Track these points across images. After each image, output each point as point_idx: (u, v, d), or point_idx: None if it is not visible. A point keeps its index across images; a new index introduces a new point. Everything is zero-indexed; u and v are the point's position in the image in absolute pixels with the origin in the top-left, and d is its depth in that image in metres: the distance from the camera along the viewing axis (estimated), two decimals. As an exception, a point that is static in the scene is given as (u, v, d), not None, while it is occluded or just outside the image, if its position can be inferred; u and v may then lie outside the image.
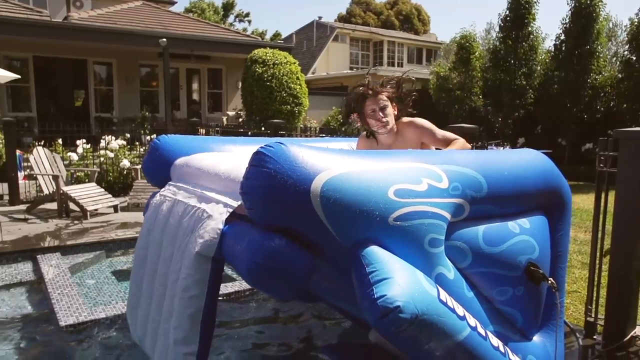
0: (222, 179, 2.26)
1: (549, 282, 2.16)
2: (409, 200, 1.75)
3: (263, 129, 8.19)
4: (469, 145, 2.54)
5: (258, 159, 1.66)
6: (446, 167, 1.98)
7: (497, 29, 14.27)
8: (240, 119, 13.25)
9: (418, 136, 2.61)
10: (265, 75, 11.84)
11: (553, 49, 13.53)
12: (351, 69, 28.87)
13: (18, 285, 4.70)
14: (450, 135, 2.59)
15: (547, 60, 13.72)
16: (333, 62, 28.70)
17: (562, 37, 13.06)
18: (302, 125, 10.32)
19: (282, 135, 7.13)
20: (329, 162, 1.69)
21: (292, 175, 1.61)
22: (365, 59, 30.90)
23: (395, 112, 2.61)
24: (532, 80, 13.56)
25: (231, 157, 2.58)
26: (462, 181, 1.97)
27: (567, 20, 12.89)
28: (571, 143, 13.17)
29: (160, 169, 2.82)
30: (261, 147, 1.68)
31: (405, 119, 2.64)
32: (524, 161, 2.33)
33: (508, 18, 13.65)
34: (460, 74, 14.78)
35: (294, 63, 12.51)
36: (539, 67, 13.72)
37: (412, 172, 1.85)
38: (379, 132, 2.59)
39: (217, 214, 2.12)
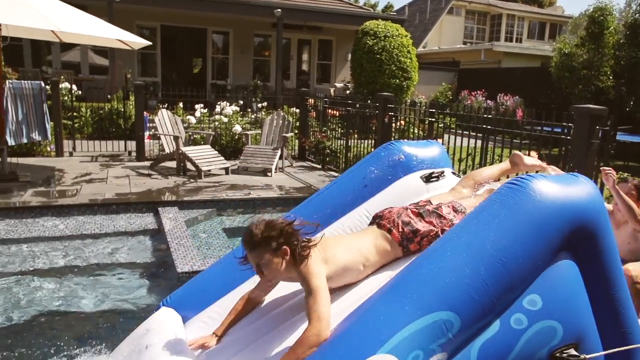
0: None
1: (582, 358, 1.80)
2: None
3: (370, 102, 8.15)
4: (326, 335, 1.79)
5: None
6: (393, 342, 1.61)
7: None
8: (348, 91, 13.29)
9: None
10: (376, 48, 11.70)
11: None
12: (464, 43, 27.54)
13: (143, 233, 5.24)
14: (316, 298, 1.86)
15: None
16: (446, 36, 27.55)
17: None
18: (409, 100, 10.10)
19: (390, 109, 7.05)
20: None
21: None
22: (480, 33, 29.28)
23: (287, 257, 1.97)
24: (676, 60, 12.01)
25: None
26: (420, 343, 1.62)
27: None
28: None
29: None
30: None
31: (304, 258, 1.97)
32: (527, 223, 1.79)
33: (653, -12, 12.14)
34: (588, 51, 13.48)
35: (406, 36, 12.20)
36: (686, 45, 12.09)
37: None
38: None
39: None
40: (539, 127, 4.96)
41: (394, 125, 7.25)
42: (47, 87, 8.03)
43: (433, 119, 6.45)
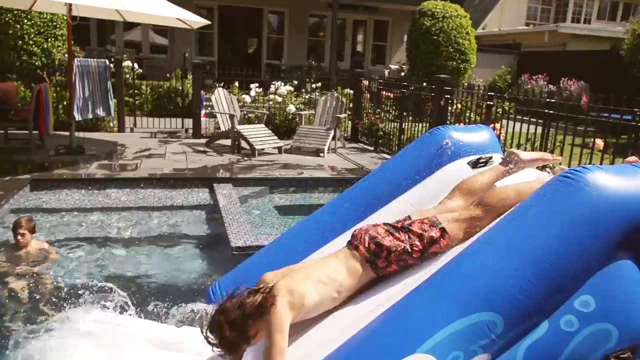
0: None
1: None
2: None
3: (425, 84, 7.98)
4: None
5: None
6: (431, 342, 1.59)
7: None
8: (402, 73, 13.06)
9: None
10: (433, 29, 11.40)
11: None
12: (527, 25, 26.33)
13: (198, 208, 5.42)
14: (272, 354, 1.83)
15: None
16: (507, 16, 26.40)
17: None
18: (466, 83, 9.79)
19: (447, 92, 6.89)
20: None
21: None
22: (545, 14, 27.86)
23: (257, 325, 1.91)
24: None
25: None
26: (460, 344, 1.59)
27: None
28: None
29: None
30: None
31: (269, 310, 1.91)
32: (581, 221, 1.68)
33: None
34: (665, 33, 12.57)
35: (465, 17, 11.81)
36: None
37: None
38: None
39: None
40: (607, 114, 4.71)
41: (449, 108, 7.08)
42: (111, 65, 8.35)
43: (491, 103, 6.25)
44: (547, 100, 5.35)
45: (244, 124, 8.31)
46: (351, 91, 9.97)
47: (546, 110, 5.22)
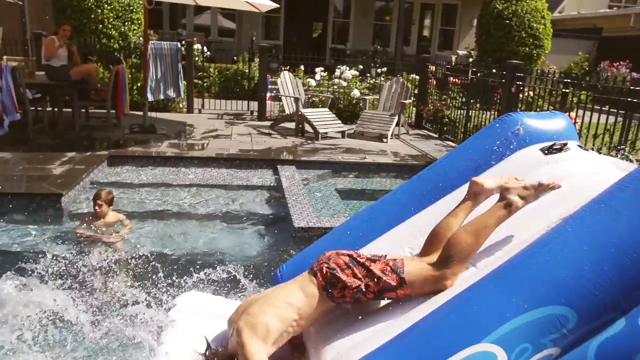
0: None
1: None
2: None
3: (495, 70, 7.69)
4: None
5: None
6: (499, 332, 1.54)
7: None
8: (471, 59, 12.64)
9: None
10: (506, 13, 10.93)
11: None
12: (610, 7, 24.62)
13: (263, 188, 5.55)
14: None
15: None
16: (587, -1, 24.81)
17: None
18: (539, 70, 9.34)
19: (519, 78, 6.61)
20: None
21: None
22: (630, -3, 25.93)
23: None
24: None
25: None
26: (529, 336, 1.52)
27: None
28: None
29: None
30: None
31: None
32: None
33: None
34: None
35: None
36: None
37: None
38: None
39: None
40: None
41: (520, 96, 6.79)
42: (182, 48, 8.64)
43: (566, 91, 5.93)
44: (631, 88, 5.01)
45: (308, 108, 8.37)
46: (417, 77, 9.79)
47: (629, 99, 4.89)
